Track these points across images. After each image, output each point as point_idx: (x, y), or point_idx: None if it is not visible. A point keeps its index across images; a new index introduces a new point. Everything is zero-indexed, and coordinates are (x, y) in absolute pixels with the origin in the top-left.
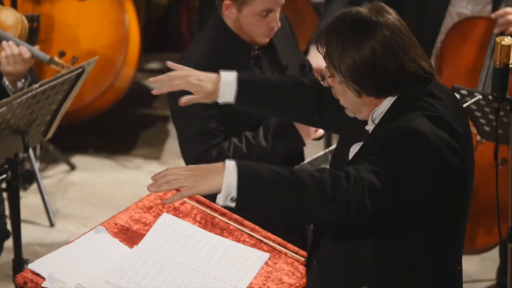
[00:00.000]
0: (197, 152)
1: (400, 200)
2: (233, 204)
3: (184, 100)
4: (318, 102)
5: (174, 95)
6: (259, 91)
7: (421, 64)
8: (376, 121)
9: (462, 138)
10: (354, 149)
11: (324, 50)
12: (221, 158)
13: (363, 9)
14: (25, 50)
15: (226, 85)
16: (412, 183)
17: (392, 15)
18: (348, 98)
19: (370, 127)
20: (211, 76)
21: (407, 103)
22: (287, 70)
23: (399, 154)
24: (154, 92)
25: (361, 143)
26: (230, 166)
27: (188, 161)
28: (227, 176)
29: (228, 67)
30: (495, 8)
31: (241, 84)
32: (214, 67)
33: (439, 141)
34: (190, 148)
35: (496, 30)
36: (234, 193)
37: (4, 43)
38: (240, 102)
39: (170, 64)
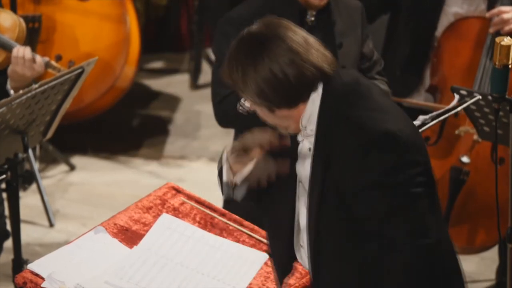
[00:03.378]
0: (220, 95)
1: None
2: None
3: None
4: None
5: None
6: None
7: (321, 66)
8: (310, 128)
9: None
10: (303, 169)
11: (230, 79)
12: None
13: (254, 27)
14: (40, 61)
15: None
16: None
17: (282, 25)
18: (268, 117)
19: (302, 137)
20: None
21: (336, 101)
22: (340, 49)
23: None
24: None
25: (308, 160)
26: None
27: (213, 101)
28: None
29: None
30: (490, 7)
31: None
32: None
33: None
34: (214, 91)
35: (491, 30)
36: None
37: (20, 46)
38: None
39: None
